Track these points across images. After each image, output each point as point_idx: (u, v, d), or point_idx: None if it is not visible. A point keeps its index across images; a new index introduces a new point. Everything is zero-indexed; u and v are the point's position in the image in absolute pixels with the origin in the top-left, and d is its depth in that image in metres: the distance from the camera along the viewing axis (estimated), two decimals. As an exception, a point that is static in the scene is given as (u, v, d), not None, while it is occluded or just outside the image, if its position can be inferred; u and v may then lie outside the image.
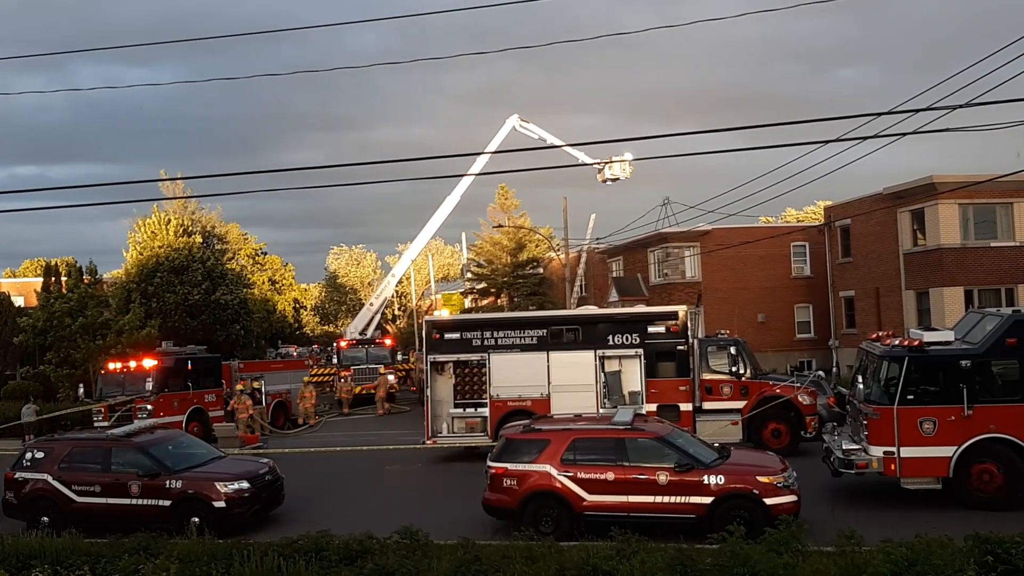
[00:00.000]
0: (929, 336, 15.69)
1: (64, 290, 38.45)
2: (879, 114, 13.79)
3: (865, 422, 15.48)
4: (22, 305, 45.35)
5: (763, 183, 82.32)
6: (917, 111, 13.39)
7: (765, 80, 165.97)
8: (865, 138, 14.85)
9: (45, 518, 15.95)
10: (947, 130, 13.81)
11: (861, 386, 15.97)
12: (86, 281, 40.19)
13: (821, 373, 27.40)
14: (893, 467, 15.04)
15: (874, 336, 17.42)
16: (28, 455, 16.97)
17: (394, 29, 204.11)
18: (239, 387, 29.94)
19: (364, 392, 38.98)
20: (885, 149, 62.81)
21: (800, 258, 43.19)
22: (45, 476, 16.35)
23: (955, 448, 14.80)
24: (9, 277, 68.86)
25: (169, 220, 46.37)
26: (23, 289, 55.83)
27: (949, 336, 15.85)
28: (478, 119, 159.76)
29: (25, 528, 15.50)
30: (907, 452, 14.95)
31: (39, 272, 55.82)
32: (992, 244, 31.42)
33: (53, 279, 40.60)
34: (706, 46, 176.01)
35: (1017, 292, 31.09)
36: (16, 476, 16.67)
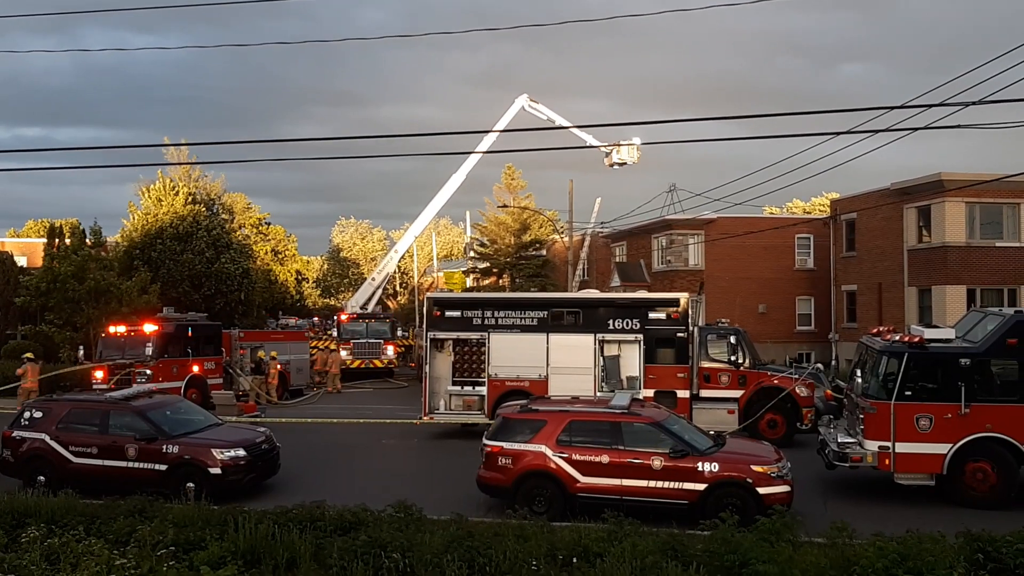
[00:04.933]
0: (930, 333, 15.69)
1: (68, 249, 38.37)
2: (891, 108, 13.75)
3: (862, 416, 15.49)
4: (24, 265, 45.30)
5: (770, 173, 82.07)
6: (929, 106, 13.33)
7: (770, 74, 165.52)
8: (876, 131, 14.79)
9: (41, 477, 15.96)
10: (958, 127, 13.78)
11: (859, 380, 15.99)
12: (88, 244, 40.15)
13: (820, 366, 27.44)
14: (887, 462, 15.08)
15: (874, 331, 17.38)
16: (26, 414, 17.00)
17: (400, 7, 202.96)
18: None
19: (363, 366, 39.12)
20: (893, 146, 62.69)
21: (804, 250, 43.09)
22: (43, 436, 16.38)
23: (950, 446, 14.83)
24: (12, 237, 68.78)
25: (177, 189, 46.18)
26: (26, 249, 55.79)
27: (950, 334, 15.84)
28: (481, 100, 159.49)
29: (21, 487, 15.57)
30: (902, 448, 14.98)
31: (42, 233, 55.77)
32: (997, 244, 31.38)
33: (57, 240, 40.54)
34: (713, 37, 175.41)
35: (1020, 293, 31.06)
36: (14, 435, 16.71)
